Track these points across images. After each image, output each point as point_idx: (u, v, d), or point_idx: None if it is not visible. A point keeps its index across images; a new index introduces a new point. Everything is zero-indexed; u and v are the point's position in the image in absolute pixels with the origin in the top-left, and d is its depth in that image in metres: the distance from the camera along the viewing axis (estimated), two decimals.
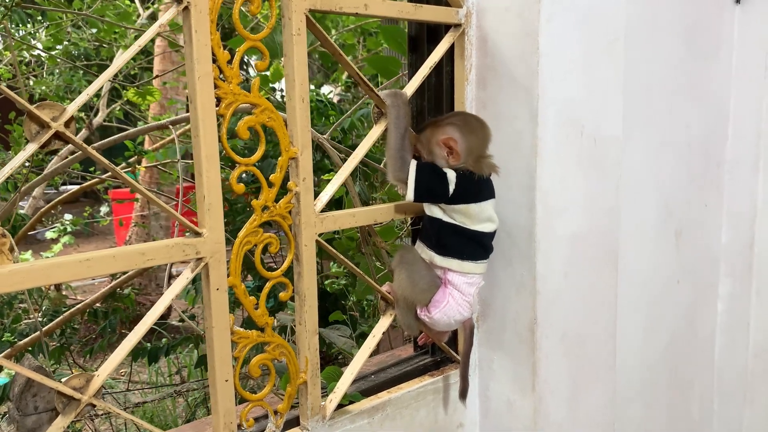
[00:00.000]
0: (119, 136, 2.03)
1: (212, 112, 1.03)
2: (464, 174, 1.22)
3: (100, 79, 0.94)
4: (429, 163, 1.24)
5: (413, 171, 1.21)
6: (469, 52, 1.39)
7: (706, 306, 2.22)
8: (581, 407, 1.53)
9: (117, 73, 2.82)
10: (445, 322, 1.28)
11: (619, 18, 1.45)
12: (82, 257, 0.93)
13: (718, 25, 2.02)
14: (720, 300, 2.26)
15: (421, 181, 1.21)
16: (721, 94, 2.11)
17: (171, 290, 1.04)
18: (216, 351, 1.08)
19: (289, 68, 1.13)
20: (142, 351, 2.99)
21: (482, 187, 1.25)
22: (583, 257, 1.48)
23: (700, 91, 2.00)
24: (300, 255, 1.18)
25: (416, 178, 1.21)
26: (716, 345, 2.28)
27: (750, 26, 2.07)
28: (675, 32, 1.80)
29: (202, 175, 1.03)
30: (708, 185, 2.11)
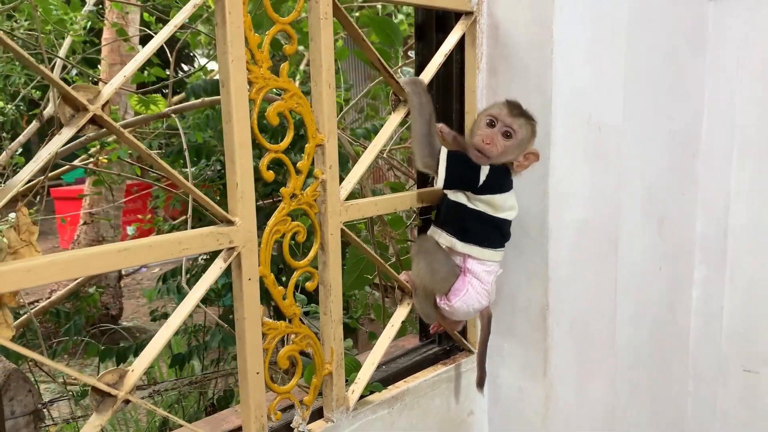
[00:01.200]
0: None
1: (245, 97, 1.00)
2: (497, 167, 1.23)
3: (141, 56, 0.90)
4: (459, 152, 1.24)
5: (444, 159, 1.20)
6: (480, 41, 1.39)
7: (683, 292, 2.29)
8: (587, 392, 1.56)
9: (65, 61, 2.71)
10: (465, 310, 1.28)
11: (622, 10, 1.48)
12: (120, 246, 0.89)
13: (694, 20, 2.09)
14: (695, 286, 2.34)
15: (453, 169, 1.20)
16: (697, 86, 2.18)
17: (205, 280, 1.01)
18: (248, 343, 1.05)
19: (315, 53, 1.11)
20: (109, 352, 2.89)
21: (507, 178, 1.26)
22: (588, 244, 1.50)
23: (679, 83, 2.06)
24: (326, 244, 1.16)
25: (447, 166, 1.20)
26: (691, 329, 2.36)
27: (723, 21, 2.14)
28: (660, 26, 1.85)
29: (235, 163, 1.00)
30: (685, 174, 2.18)
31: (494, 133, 1.19)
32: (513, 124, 1.19)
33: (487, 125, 1.20)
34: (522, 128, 1.20)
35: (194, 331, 2.80)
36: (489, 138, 1.18)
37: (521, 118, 1.20)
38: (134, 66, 0.90)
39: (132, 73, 0.90)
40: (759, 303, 2.21)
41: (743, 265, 2.24)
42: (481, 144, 1.18)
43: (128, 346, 2.87)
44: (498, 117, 1.19)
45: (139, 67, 0.91)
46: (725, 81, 2.17)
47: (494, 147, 1.18)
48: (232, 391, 2.66)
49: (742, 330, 2.27)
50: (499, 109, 1.21)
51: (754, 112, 2.14)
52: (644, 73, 1.77)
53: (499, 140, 1.19)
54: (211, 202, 1.00)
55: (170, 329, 0.97)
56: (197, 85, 1.91)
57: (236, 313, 1.06)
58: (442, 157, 1.20)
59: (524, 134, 1.20)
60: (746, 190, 2.19)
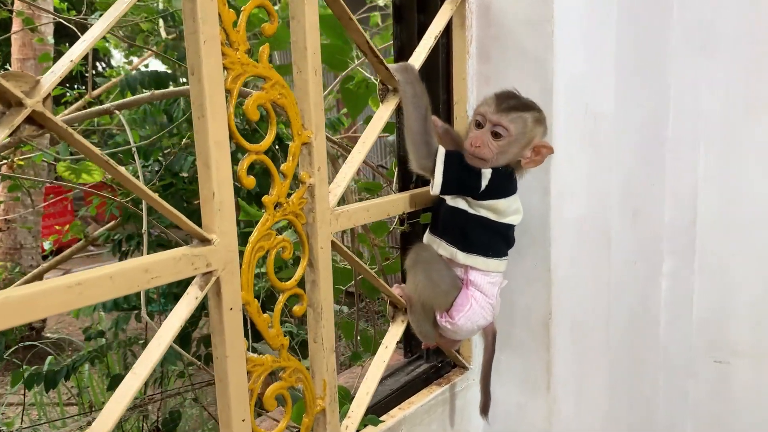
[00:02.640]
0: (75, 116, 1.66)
1: (221, 86, 0.81)
2: (500, 169, 1.08)
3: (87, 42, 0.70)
4: (457, 152, 1.08)
5: (441, 162, 1.04)
6: (470, 22, 1.24)
7: (654, 284, 2.23)
8: (585, 398, 1.45)
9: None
10: (469, 328, 1.13)
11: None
12: (71, 281, 0.69)
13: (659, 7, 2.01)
14: (664, 278, 2.28)
15: (451, 173, 1.05)
16: (662, 73, 2.11)
17: (176, 314, 0.81)
18: (231, 385, 0.87)
19: (299, 34, 0.93)
20: (37, 376, 2.60)
21: (512, 181, 1.11)
22: (585, 241, 1.39)
23: (646, 70, 1.98)
24: (315, 260, 0.98)
25: (445, 169, 1.04)
26: (661, 322, 2.30)
27: (689, 5, 2.08)
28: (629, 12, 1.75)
29: (211, 167, 0.81)
30: (653, 164, 2.11)
31: (483, 134, 1.04)
32: (501, 120, 1.04)
33: (476, 126, 1.05)
34: (514, 123, 1.04)
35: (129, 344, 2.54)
36: (478, 141, 1.03)
37: (512, 112, 1.04)
38: (85, 48, 0.70)
39: (78, 59, 0.70)
40: (728, 293, 2.17)
41: (712, 254, 2.19)
42: (471, 148, 1.03)
43: (58, 369, 2.59)
44: (485, 115, 1.04)
45: (84, 54, 0.71)
46: (690, 66, 2.11)
47: (486, 150, 1.03)
48: (178, 413, 2.43)
49: (711, 321, 2.23)
50: (486, 105, 1.05)
51: (720, 98, 2.09)
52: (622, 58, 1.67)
53: (490, 142, 1.04)
54: (182, 217, 0.81)
55: (138, 378, 0.78)
56: (132, 77, 1.68)
57: (215, 350, 0.87)
58: (439, 159, 1.05)
59: (518, 129, 1.04)
60: (714, 178, 2.15)
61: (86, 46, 0.70)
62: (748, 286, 2.12)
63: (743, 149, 2.06)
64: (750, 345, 2.14)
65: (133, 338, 2.36)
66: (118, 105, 1.50)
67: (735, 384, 2.22)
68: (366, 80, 1.53)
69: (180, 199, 1.91)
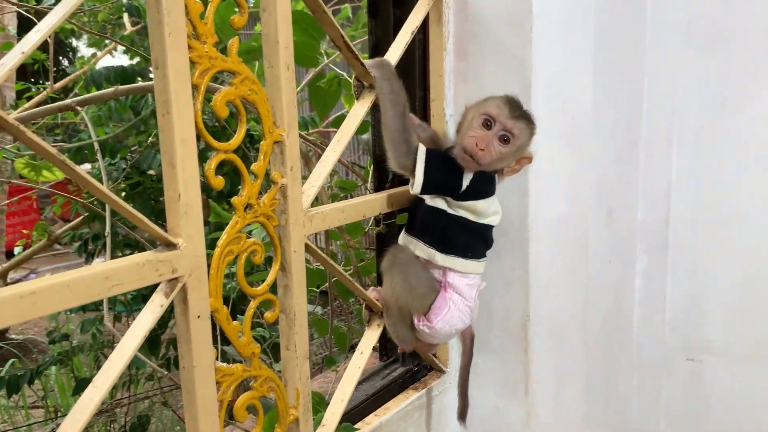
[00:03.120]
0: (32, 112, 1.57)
1: (187, 81, 0.77)
2: (483, 173, 1.05)
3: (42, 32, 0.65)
4: (438, 151, 1.05)
5: (422, 160, 1.01)
6: (447, 18, 1.21)
7: (627, 283, 2.23)
8: (563, 400, 1.43)
9: None
10: (447, 331, 1.10)
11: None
12: (24, 290, 0.64)
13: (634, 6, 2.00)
14: (638, 276, 2.28)
15: (432, 173, 1.01)
16: (637, 72, 2.10)
17: (140, 323, 0.77)
18: (199, 397, 0.82)
19: (270, 26, 0.89)
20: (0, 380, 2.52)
21: (491, 182, 1.08)
22: (563, 241, 1.37)
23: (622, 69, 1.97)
24: (288, 263, 0.94)
25: (426, 168, 1.01)
26: (635, 321, 2.30)
27: (663, 4, 2.07)
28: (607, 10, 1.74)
29: (176, 167, 0.77)
30: (627, 162, 2.11)
31: (490, 136, 1.00)
32: (514, 128, 1.01)
33: (483, 125, 1.01)
34: (522, 133, 1.02)
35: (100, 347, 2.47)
36: (484, 142, 1.00)
37: (522, 120, 1.02)
38: (35, 40, 0.65)
39: (30, 50, 0.65)
40: (700, 291, 2.18)
41: (684, 253, 2.19)
42: (474, 148, 1.00)
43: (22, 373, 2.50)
44: (497, 118, 1.01)
45: (38, 44, 0.66)
46: (665, 65, 2.11)
47: (488, 154, 1.00)
48: (147, 417, 2.36)
49: (684, 319, 2.23)
50: (498, 108, 1.01)
51: (694, 97, 2.08)
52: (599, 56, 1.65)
53: (495, 145, 1.01)
54: (145, 219, 0.76)
55: (99, 391, 0.73)
56: (97, 73, 1.61)
57: (182, 360, 0.83)
58: (420, 158, 1.01)
59: (524, 140, 1.03)
60: (687, 177, 2.15)
61: (41, 36, 0.65)
62: (721, 285, 2.12)
63: (716, 148, 2.06)
64: (723, 343, 2.15)
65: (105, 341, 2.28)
66: (81, 101, 1.43)
67: (708, 382, 2.22)
68: (338, 77, 1.48)
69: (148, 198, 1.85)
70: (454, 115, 1.24)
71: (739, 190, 2.02)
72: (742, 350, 2.12)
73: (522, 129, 1.01)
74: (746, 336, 2.10)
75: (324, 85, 1.45)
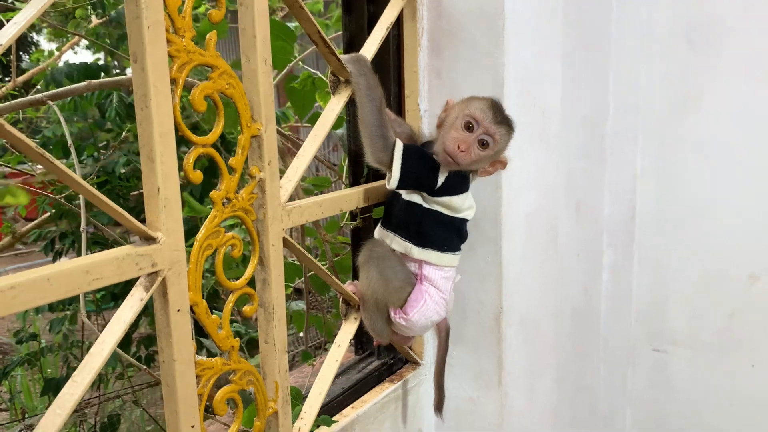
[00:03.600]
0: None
1: (166, 75, 0.77)
2: (458, 171, 1.06)
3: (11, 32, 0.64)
4: (415, 146, 1.06)
5: (399, 155, 1.02)
6: (421, 14, 1.22)
7: (595, 276, 2.28)
8: (536, 393, 1.46)
9: None
10: (423, 324, 1.11)
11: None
12: (4, 284, 0.63)
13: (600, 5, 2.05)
14: (604, 270, 2.33)
15: (409, 168, 1.03)
16: (603, 70, 2.15)
17: (120, 317, 0.76)
18: (179, 391, 0.82)
19: (247, 20, 0.89)
20: None
21: (466, 179, 1.10)
22: (535, 237, 1.40)
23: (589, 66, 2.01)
24: (266, 258, 0.94)
25: (403, 163, 1.02)
26: (602, 313, 2.36)
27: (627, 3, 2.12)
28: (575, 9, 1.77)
29: (155, 161, 0.77)
30: (594, 158, 2.15)
31: (471, 138, 1.02)
32: (495, 133, 1.03)
33: (465, 127, 1.02)
34: (502, 138, 1.04)
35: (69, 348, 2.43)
36: (465, 144, 1.01)
37: (504, 126, 1.04)
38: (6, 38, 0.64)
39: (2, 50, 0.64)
40: (665, 284, 2.24)
41: (650, 246, 2.25)
42: (455, 150, 1.01)
43: None
44: (480, 121, 1.02)
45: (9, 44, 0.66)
46: (629, 63, 2.15)
47: (468, 155, 1.02)
48: (118, 416, 2.33)
49: (650, 311, 2.29)
50: (482, 111, 1.03)
51: (657, 94, 2.14)
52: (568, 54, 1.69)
53: (475, 148, 1.02)
54: (125, 214, 0.76)
55: (80, 386, 0.72)
56: (58, 70, 1.58)
57: (162, 354, 0.83)
58: (397, 153, 1.02)
59: (502, 145, 1.05)
60: (651, 173, 2.20)
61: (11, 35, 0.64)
62: (685, 278, 2.18)
63: (679, 145, 2.12)
64: (686, 334, 2.21)
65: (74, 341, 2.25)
66: (51, 95, 1.41)
67: (672, 372, 2.29)
68: (312, 76, 1.49)
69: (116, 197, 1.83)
70: (428, 110, 1.26)
71: (702, 186, 2.08)
72: (704, 340, 2.19)
73: (503, 135, 1.04)
74: (708, 326, 2.17)
75: (298, 86, 1.46)
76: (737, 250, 2.05)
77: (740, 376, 2.12)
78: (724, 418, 2.17)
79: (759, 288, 2.05)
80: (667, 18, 2.07)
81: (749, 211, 2.00)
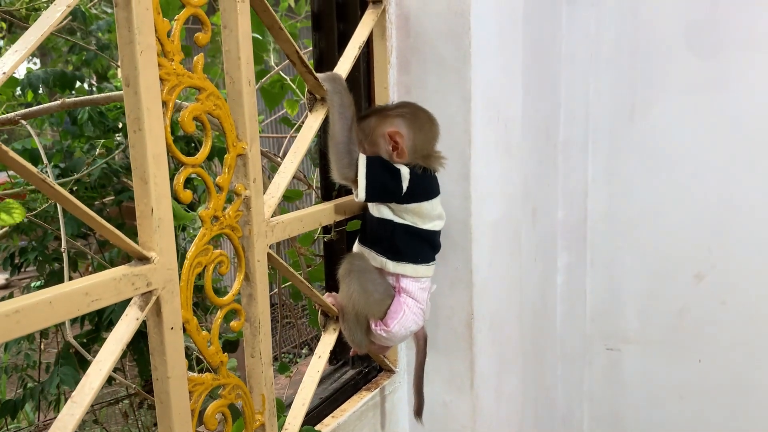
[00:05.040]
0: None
1: (158, 98, 0.78)
2: (416, 170, 1.10)
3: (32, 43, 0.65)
4: (378, 157, 1.10)
5: (363, 167, 1.06)
6: (390, 33, 1.27)
7: (550, 279, 2.36)
8: (503, 395, 1.51)
9: None
10: (402, 334, 1.15)
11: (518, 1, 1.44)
12: (8, 309, 0.64)
13: (551, 16, 2.14)
14: (559, 272, 2.42)
15: (374, 178, 1.06)
16: (555, 81, 2.24)
17: (116, 336, 0.78)
18: (174, 407, 0.84)
19: (231, 43, 0.91)
20: None
21: (432, 183, 1.14)
22: (500, 243, 1.45)
23: (542, 78, 2.09)
24: (251, 273, 0.97)
25: (367, 175, 1.06)
26: (558, 314, 2.44)
27: (576, 18, 2.21)
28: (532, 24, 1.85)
29: (149, 182, 0.78)
30: (547, 165, 2.24)
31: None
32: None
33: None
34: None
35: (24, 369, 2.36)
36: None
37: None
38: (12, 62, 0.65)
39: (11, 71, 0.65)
40: (617, 284, 2.34)
41: (602, 249, 2.35)
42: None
43: None
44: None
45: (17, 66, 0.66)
46: (579, 75, 2.25)
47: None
48: None
49: (603, 311, 2.39)
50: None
51: (605, 103, 2.24)
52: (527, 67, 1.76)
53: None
54: (121, 235, 0.77)
55: (80, 406, 0.73)
56: (35, 76, 1.54)
57: (155, 372, 0.84)
58: (361, 165, 1.06)
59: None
60: (601, 178, 2.30)
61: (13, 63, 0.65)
62: (635, 277, 2.29)
63: (628, 151, 2.23)
64: (638, 332, 2.32)
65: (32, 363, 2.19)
66: (25, 114, 1.38)
67: (625, 369, 2.39)
68: (281, 80, 1.52)
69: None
70: None
71: (650, 190, 2.19)
72: (654, 338, 2.30)
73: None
74: (658, 324, 2.27)
75: (267, 87, 1.50)
76: (684, 251, 2.17)
77: (689, 370, 2.23)
78: (675, 410, 2.28)
79: (704, 286, 2.16)
80: (614, 32, 2.17)
81: (694, 214, 2.12)
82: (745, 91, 2.00)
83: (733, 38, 1.98)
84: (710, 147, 2.07)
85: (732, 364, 2.15)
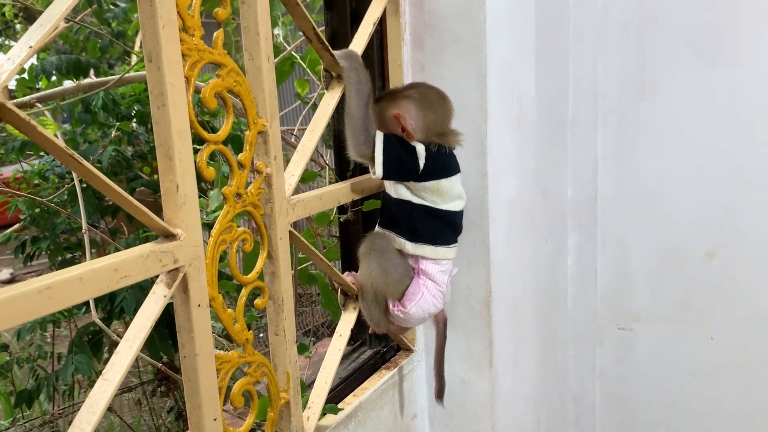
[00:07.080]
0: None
1: (181, 73, 0.78)
2: (432, 148, 1.09)
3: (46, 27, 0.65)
4: (394, 134, 1.09)
5: (380, 144, 1.05)
6: (404, 9, 1.26)
7: (561, 259, 2.36)
8: (520, 371, 1.51)
9: None
10: (420, 316, 1.14)
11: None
12: (41, 285, 0.64)
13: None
14: (570, 252, 2.42)
15: (390, 155, 1.05)
16: (563, 59, 2.22)
17: (145, 313, 0.77)
18: (202, 384, 0.84)
19: (250, 18, 0.90)
20: None
21: (450, 160, 1.13)
22: (516, 222, 1.45)
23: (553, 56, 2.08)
24: (274, 251, 0.96)
25: (384, 151, 1.05)
26: (569, 294, 2.44)
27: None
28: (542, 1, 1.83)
29: (173, 159, 0.78)
30: (557, 144, 2.23)
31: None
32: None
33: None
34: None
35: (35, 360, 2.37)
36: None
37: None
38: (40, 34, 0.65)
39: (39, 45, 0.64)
40: (628, 264, 2.34)
41: (612, 228, 2.35)
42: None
43: None
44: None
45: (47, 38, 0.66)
46: (587, 53, 2.24)
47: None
48: None
49: (614, 291, 2.39)
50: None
51: (614, 81, 2.22)
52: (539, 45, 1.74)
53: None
54: (148, 212, 0.76)
55: (111, 384, 0.73)
56: (49, 62, 1.53)
57: (182, 350, 0.84)
58: (378, 142, 1.05)
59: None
60: (610, 157, 2.29)
61: (47, 29, 0.64)
62: (646, 257, 2.28)
63: (637, 130, 2.21)
64: (649, 311, 2.31)
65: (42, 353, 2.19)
66: (41, 97, 1.36)
67: (637, 348, 2.39)
68: (291, 59, 1.51)
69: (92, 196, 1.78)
70: None
71: (659, 168, 2.18)
72: (666, 316, 2.29)
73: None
74: (669, 303, 2.27)
75: (278, 65, 1.49)
76: (694, 229, 2.16)
77: (701, 348, 2.23)
78: (687, 389, 2.28)
79: (715, 264, 2.16)
80: (619, 10, 2.16)
81: (705, 192, 2.11)
82: (756, 69, 1.98)
83: (744, 16, 1.97)
84: (720, 124, 2.06)
85: (744, 341, 2.15)
